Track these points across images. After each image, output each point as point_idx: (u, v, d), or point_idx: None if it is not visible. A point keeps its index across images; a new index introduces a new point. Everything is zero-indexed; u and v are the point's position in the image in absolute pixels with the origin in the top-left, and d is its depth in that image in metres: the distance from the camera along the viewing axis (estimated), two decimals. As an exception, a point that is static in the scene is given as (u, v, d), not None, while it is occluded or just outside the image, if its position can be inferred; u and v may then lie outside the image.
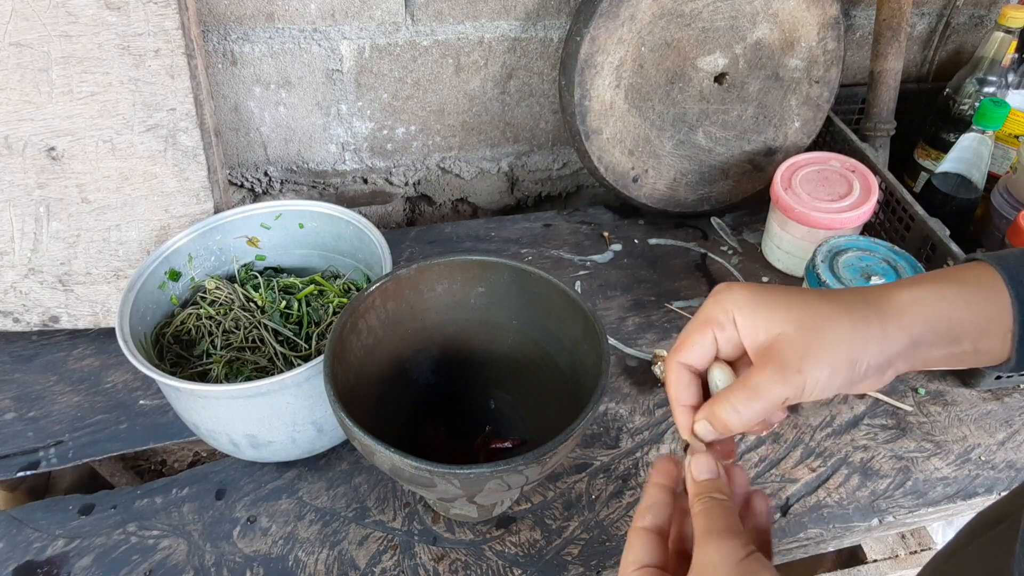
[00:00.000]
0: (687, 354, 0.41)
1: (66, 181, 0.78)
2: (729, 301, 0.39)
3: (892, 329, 0.37)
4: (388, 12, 0.90)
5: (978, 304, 0.38)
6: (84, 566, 0.64)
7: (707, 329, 0.40)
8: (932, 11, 1.09)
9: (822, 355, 0.37)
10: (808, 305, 0.38)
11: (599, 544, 0.67)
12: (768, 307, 0.38)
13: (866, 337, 0.37)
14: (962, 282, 0.39)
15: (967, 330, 0.38)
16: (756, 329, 0.39)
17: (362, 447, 0.53)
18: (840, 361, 0.37)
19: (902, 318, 0.38)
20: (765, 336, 0.38)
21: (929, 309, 0.38)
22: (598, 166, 0.95)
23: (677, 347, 0.41)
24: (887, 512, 0.70)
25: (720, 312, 0.40)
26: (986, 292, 0.38)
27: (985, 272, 0.39)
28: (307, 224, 0.82)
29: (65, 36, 0.73)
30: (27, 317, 0.82)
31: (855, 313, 0.38)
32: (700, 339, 0.40)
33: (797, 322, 0.37)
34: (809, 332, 0.37)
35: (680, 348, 0.41)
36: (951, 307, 0.38)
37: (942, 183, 0.90)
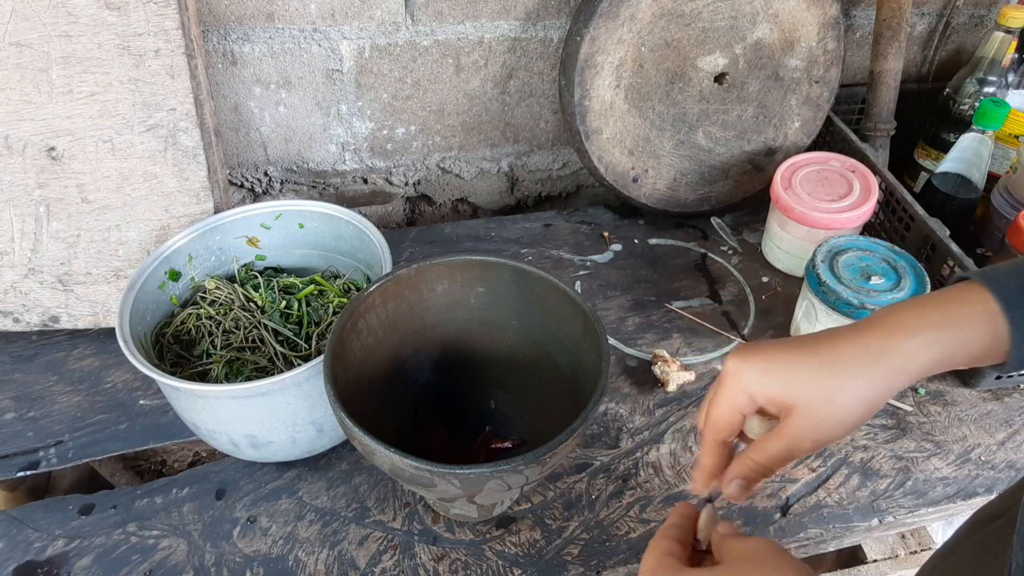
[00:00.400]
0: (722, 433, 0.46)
1: (66, 181, 0.78)
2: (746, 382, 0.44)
3: (898, 382, 0.41)
4: (388, 12, 0.90)
5: (978, 338, 0.40)
6: (84, 566, 0.64)
7: (734, 409, 0.45)
8: (932, 11, 1.09)
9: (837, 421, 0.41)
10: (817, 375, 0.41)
11: (599, 544, 0.67)
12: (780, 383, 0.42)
13: (873, 396, 0.41)
14: (962, 320, 0.41)
15: (966, 357, 0.41)
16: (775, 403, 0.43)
17: (362, 447, 0.53)
18: (852, 420, 0.41)
19: (907, 367, 0.41)
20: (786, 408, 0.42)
21: (930, 354, 0.41)
22: (598, 166, 0.95)
23: (711, 427, 0.46)
24: (887, 512, 0.70)
25: (740, 393, 0.44)
26: (985, 325, 0.40)
27: (982, 301, 0.40)
28: (307, 224, 0.82)
29: (65, 36, 0.73)
30: (27, 317, 0.82)
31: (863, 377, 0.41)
32: (730, 418, 0.45)
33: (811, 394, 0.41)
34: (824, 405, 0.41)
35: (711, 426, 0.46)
36: (952, 349, 0.40)
37: (942, 183, 0.90)
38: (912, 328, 0.41)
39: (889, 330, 0.41)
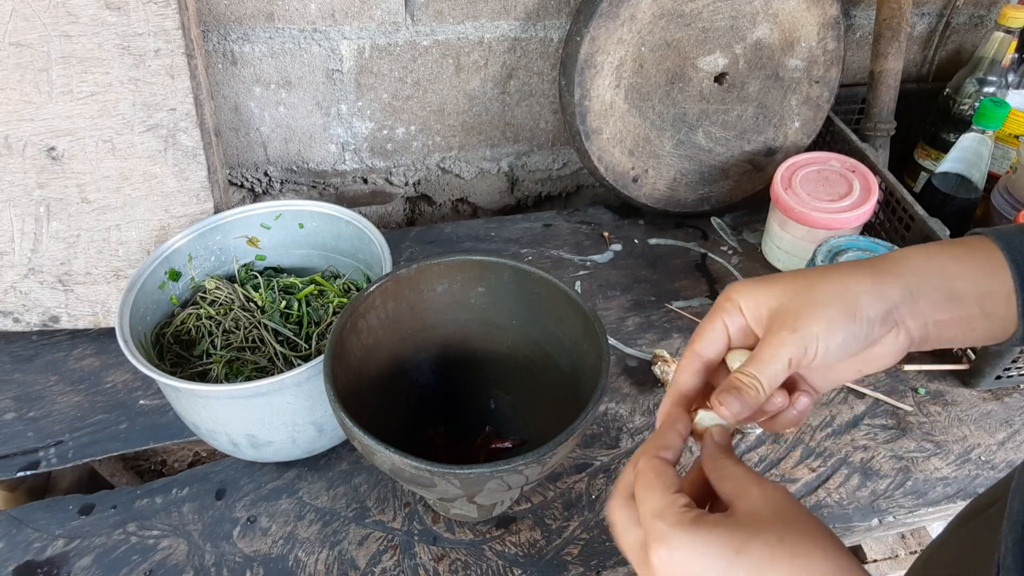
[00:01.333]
0: (700, 344, 0.42)
1: (66, 181, 0.78)
2: (733, 290, 0.41)
3: (885, 279, 0.38)
4: (388, 12, 0.90)
5: (970, 260, 0.39)
6: (84, 566, 0.64)
7: (717, 318, 0.42)
8: (932, 11, 1.09)
9: (815, 310, 0.38)
10: (802, 275, 0.40)
11: (599, 544, 0.67)
12: (766, 286, 0.40)
13: (856, 287, 0.38)
14: (954, 243, 0.40)
15: (964, 287, 0.38)
16: (759, 308, 0.40)
17: (362, 447, 0.53)
18: (834, 313, 0.38)
19: (894, 269, 0.39)
20: (766, 311, 0.40)
21: (919, 261, 0.39)
22: (598, 166, 0.95)
23: (693, 338, 0.42)
24: (887, 512, 0.70)
25: (726, 301, 0.41)
26: (979, 252, 0.39)
27: (981, 240, 0.39)
28: (307, 224, 0.82)
29: (65, 36, 0.73)
30: (27, 317, 0.82)
31: (844, 271, 0.39)
32: (712, 329, 0.42)
33: (790, 291, 0.39)
34: (801, 295, 0.39)
35: (694, 340, 0.42)
36: (940, 260, 0.39)
37: (942, 183, 0.90)
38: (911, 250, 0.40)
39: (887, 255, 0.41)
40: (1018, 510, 0.38)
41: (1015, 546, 0.36)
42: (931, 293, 0.38)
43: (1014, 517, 0.37)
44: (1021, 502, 0.38)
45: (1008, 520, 0.38)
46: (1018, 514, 0.37)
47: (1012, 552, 0.36)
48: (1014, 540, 0.37)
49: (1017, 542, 0.37)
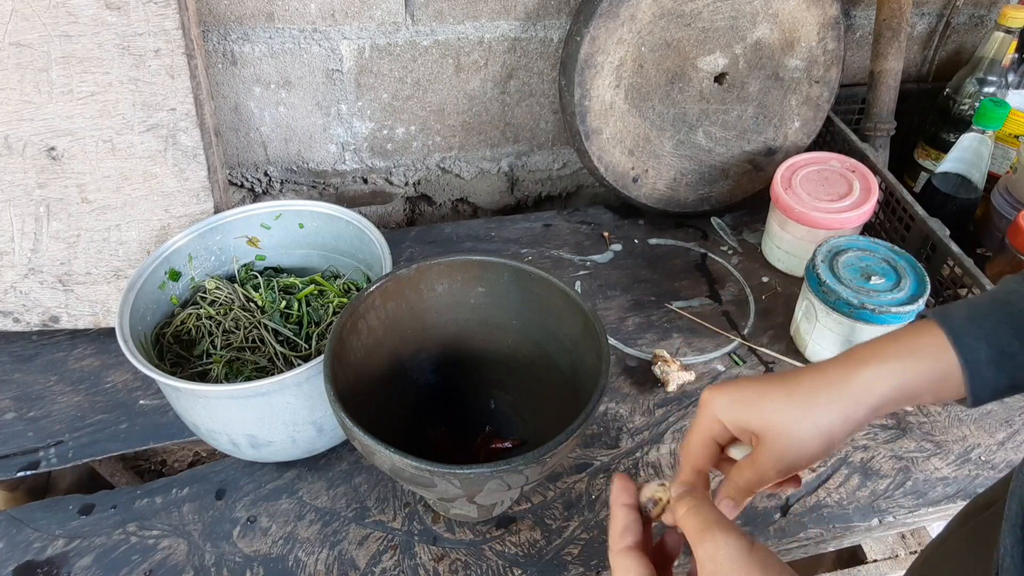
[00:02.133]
0: (697, 462, 0.47)
1: (66, 181, 0.78)
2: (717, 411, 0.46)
3: (854, 411, 0.43)
4: (388, 12, 0.90)
5: (931, 371, 0.42)
6: (84, 566, 0.64)
7: (707, 437, 0.47)
8: (932, 11, 1.09)
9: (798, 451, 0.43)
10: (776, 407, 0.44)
11: (599, 544, 0.67)
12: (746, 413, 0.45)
13: (831, 425, 0.43)
14: (914, 352, 0.43)
15: (923, 391, 0.43)
16: (744, 432, 0.45)
17: (362, 447, 0.53)
18: (813, 449, 0.43)
19: (862, 398, 0.43)
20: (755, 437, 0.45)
21: (885, 385, 0.42)
22: (598, 166, 0.95)
23: (686, 458, 0.48)
24: (887, 512, 0.70)
25: (712, 423, 0.46)
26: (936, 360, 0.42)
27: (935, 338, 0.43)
28: (307, 224, 0.82)
29: (65, 36, 0.74)
30: (27, 317, 0.82)
31: (816, 408, 0.43)
32: (704, 447, 0.47)
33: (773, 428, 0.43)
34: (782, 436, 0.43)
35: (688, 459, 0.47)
36: (905, 379, 0.42)
37: (942, 183, 0.90)
38: (867, 358, 0.43)
39: (847, 362, 0.44)
40: (1016, 512, 0.38)
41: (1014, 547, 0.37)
42: (893, 404, 0.43)
43: (1012, 519, 0.38)
44: (1019, 504, 0.38)
45: (1007, 522, 0.38)
46: (1016, 516, 0.38)
47: (1011, 553, 0.37)
48: (1013, 541, 0.37)
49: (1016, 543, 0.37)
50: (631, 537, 0.44)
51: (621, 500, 0.46)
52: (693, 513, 0.41)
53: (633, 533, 0.44)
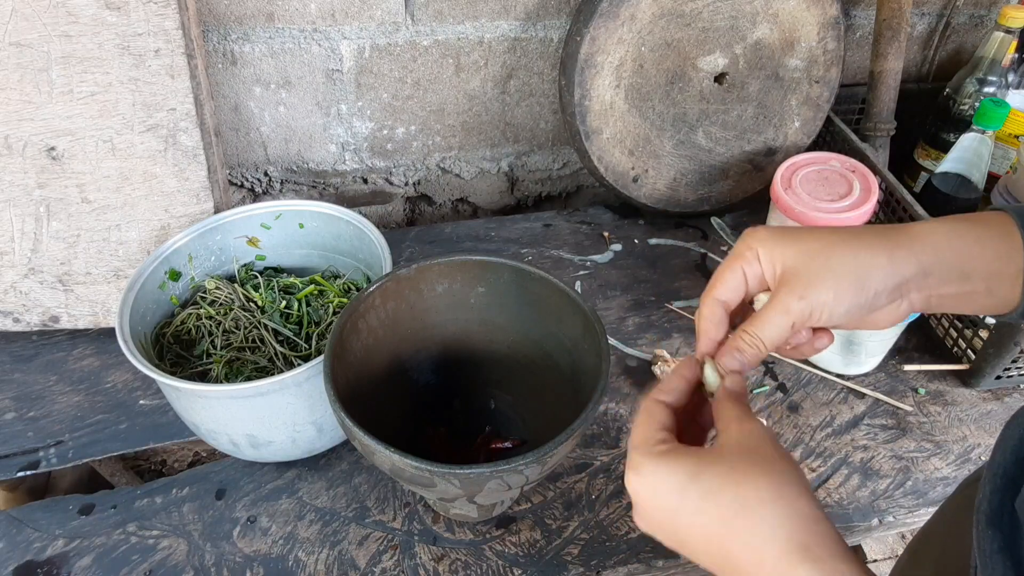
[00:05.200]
0: (720, 290, 0.43)
1: (66, 181, 0.78)
2: (754, 239, 0.42)
3: (900, 254, 0.39)
4: (388, 12, 0.90)
5: (990, 242, 0.39)
6: (84, 566, 0.64)
7: (736, 265, 0.43)
8: (932, 11, 1.09)
9: (825, 279, 0.39)
10: (819, 237, 0.41)
11: (599, 544, 0.67)
12: (785, 241, 0.41)
13: (871, 260, 0.39)
14: (976, 222, 0.40)
15: (977, 267, 0.39)
16: (774, 262, 0.41)
17: (362, 447, 0.53)
18: (844, 283, 0.39)
19: (913, 245, 0.39)
20: (780, 268, 0.41)
21: (940, 239, 0.39)
22: (598, 166, 0.95)
23: (711, 286, 0.44)
24: (887, 512, 0.70)
25: (746, 249, 0.43)
26: (999, 232, 0.39)
27: (1001, 218, 0.40)
28: (307, 224, 0.82)
29: (65, 36, 0.74)
30: (27, 317, 0.82)
31: (863, 240, 0.40)
32: (731, 276, 0.43)
33: (807, 252, 0.40)
34: (816, 260, 0.40)
35: (714, 285, 0.44)
36: (962, 241, 0.39)
37: (942, 183, 0.90)
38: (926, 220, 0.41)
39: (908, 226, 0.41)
40: (999, 461, 0.38)
41: (992, 495, 0.37)
42: (943, 271, 0.39)
43: (995, 468, 0.38)
44: (1003, 453, 0.38)
45: (989, 469, 0.38)
46: (998, 465, 0.38)
47: (988, 499, 0.37)
48: (991, 489, 0.37)
49: (995, 491, 0.37)
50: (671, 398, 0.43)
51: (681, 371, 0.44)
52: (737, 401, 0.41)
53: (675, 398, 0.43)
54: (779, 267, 0.41)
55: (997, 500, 0.37)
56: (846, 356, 0.80)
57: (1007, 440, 0.39)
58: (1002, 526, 0.36)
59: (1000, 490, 0.37)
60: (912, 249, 0.39)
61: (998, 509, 0.36)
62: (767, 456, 0.37)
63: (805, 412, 0.79)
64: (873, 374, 0.83)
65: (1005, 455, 0.38)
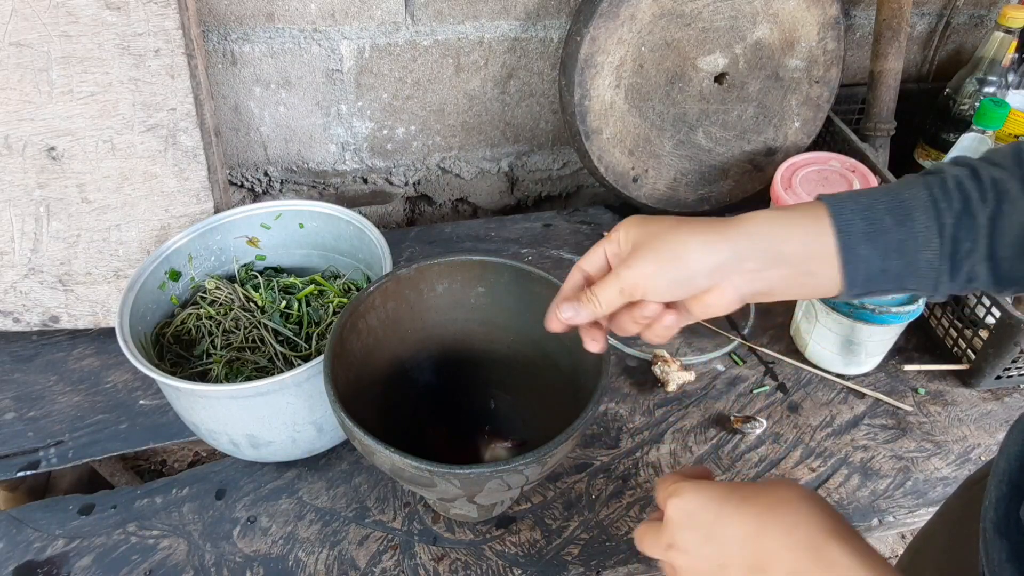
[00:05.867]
0: (584, 261, 0.50)
1: (66, 181, 0.78)
2: (623, 223, 0.48)
3: (714, 239, 0.44)
4: (388, 12, 0.90)
5: (800, 225, 0.43)
6: (84, 566, 0.64)
7: (601, 244, 0.49)
8: (932, 11, 1.09)
9: (648, 254, 0.44)
10: (663, 222, 0.46)
11: (599, 544, 0.67)
12: (640, 225, 0.46)
13: (688, 241, 0.44)
14: (792, 209, 0.44)
15: (790, 250, 0.43)
16: (628, 240, 0.47)
17: (362, 447, 0.53)
18: (663, 258, 0.44)
19: (728, 231, 0.44)
20: (630, 245, 0.46)
21: (754, 226, 0.44)
22: (598, 166, 0.95)
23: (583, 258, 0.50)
24: (887, 512, 0.70)
25: (614, 231, 0.48)
26: (810, 216, 0.43)
27: (815, 203, 0.44)
28: (307, 224, 0.82)
29: (65, 36, 0.74)
30: (27, 317, 0.82)
31: (691, 226, 0.45)
32: (595, 251, 0.49)
33: (648, 233, 0.45)
34: (650, 239, 0.45)
35: (582, 259, 0.50)
36: (775, 225, 0.43)
37: (942, 183, 0.90)
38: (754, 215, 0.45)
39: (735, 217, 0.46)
40: (1003, 468, 0.38)
41: (998, 502, 0.37)
42: (758, 255, 0.43)
43: (999, 475, 0.38)
44: (1007, 460, 0.38)
45: (994, 477, 0.38)
46: (1003, 472, 0.38)
47: (995, 507, 0.37)
48: (998, 496, 0.37)
49: (1000, 498, 0.37)
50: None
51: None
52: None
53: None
54: (629, 244, 0.46)
55: (1003, 508, 0.37)
56: (846, 356, 0.80)
57: (1011, 446, 0.39)
58: (1009, 534, 0.36)
59: (1006, 497, 0.37)
60: (727, 235, 0.43)
61: (1004, 517, 0.37)
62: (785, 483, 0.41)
63: (805, 412, 0.79)
64: (873, 374, 0.83)
65: (1010, 462, 0.39)
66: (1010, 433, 0.41)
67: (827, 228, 0.42)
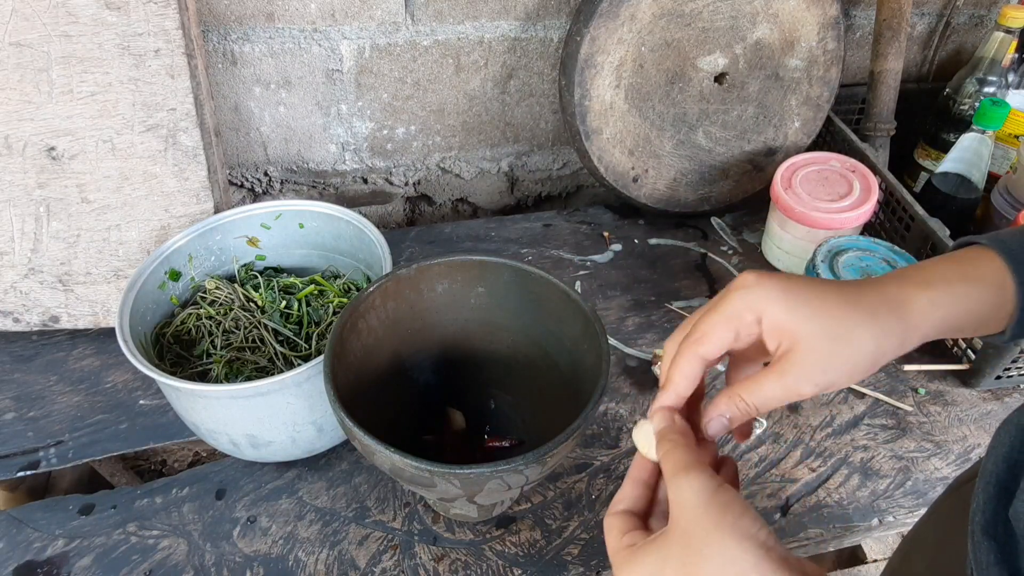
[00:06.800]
0: (707, 348, 0.40)
1: (66, 181, 0.78)
2: (759, 299, 0.39)
3: (911, 335, 0.38)
4: (388, 12, 0.90)
5: (987, 301, 0.39)
6: (84, 566, 0.64)
7: (732, 325, 0.39)
8: (932, 11, 1.09)
9: (846, 365, 0.37)
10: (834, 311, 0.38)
11: (599, 544, 0.67)
12: (795, 311, 0.38)
13: (887, 345, 0.38)
14: (972, 280, 0.39)
15: (972, 322, 0.39)
16: (782, 332, 0.38)
17: (362, 447, 0.53)
18: (860, 367, 0.38)
19: (921, 324, 0.38)
20: (790, 343, 0.38)
21: (944, 312, 0.38)
22: (598, 166, 0.95)
23: (698, 339, 0.40)
24: (887, 512, 0.70)
25: (747, 310, 0.39)
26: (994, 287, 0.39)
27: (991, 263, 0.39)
28: (307, 224, 0.82)
29: (65, 36, 0.74)
30: (27, 317, 0.82)
31: (879, 322, 0.38)
32: (724, 334, 0.40)
33: (824, 330, 0.37)
34: (837, 342, 0.37)
35: (701, 340, 0.40)
36: (963, 308, 0.39)
37: (942, 183, 0.90)
38: (928, 280, 0.39)
39: (906, 281, 0.39)
40: (991, 469, 0.38)
41: (986, 504, 0.37)
42: (946, 324, 0.39)
43: (987, 476, 0.38)
44: (995, 462, 0.38)
45: (981, 479, 0.38)
46: (991, 473, 0.38)
47: (983, 509, 0.37)
48: (985, 498, 0.37)
49: (989, 499, 0.37)
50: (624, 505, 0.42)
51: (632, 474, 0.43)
52: (668, 457, 0.39)
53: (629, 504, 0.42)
54: (787, 342, 0.38)
55: (991, 509, 0.37)
56: (846, 356, 0.80)
57: (998, 447, 0.39)
58: (997, 536, 0.36)
59: (993, 499, 0.37)
60: (920, 328, 0.38)
61: (992, 519, 0.37)
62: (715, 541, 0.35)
63: (805, 412, 0.79)
64: (873, 374, 0.83)
65: (997, 463, 0.38)
66: (997, 434, 0.41)
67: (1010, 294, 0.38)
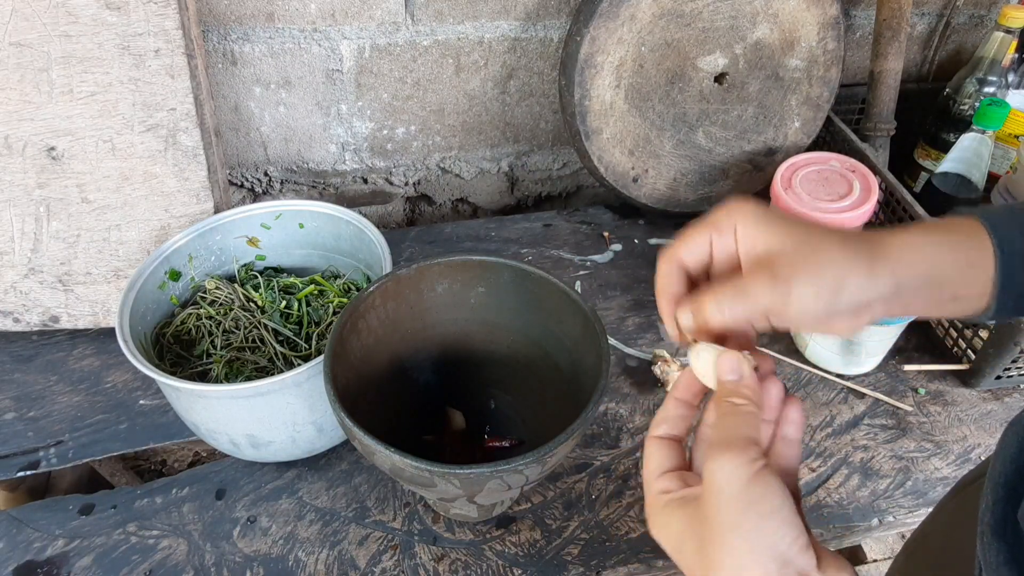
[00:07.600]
0: (683, 250, 0.42)
1: (66, 181, 0.78)
2: (736, 211, 0.40)
3: (879, 269, 0.38)
4: (388, 12, 0.90)
5: (962, 251, 0.38)
6: (84, 566, 0.64)
7: (707, 232, 0.41)
8: (932, 11, 1.09)
9: (812, 273, 0.37)
10: (808, 229, 0.39)
11: (599, 544, 0.67)
12: (770, 223, 0.39)
13: (854, 268, 0.37)
14: (950, 231, 0.39)
15: (949, 276, 0.39)
16: (755, 240, 0.39)
17: (362, 447, 0.53)
18: (826, 283, 0.37)
19: (890, 261, 0.38)
20: (762, 248, 0.39)
21: (917, 255, 0.38)
22: (598, 166, 0.95)
23: (675, 244, 0.42)
24: (887, 512, 0.70)
25: (724, 219, 0.40)
26: (971, 241, 0.39)
27: (972, 224, 0.39)
28: (307, 224, 0.82)
29: (65, 36, 0.74)
30: (27, 317, 0.82)
31: (849, 245, 0.38)
32: (698, 239, 0.41)
33: (795, 241, 0.38)
34: (804, 250, 0.38)
35: (677, 245, 0.42)
36: (937, 252, 0.38)
37: (942, 183, 0.90)
38: (901, 229, 0.40)
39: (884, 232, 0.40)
40: (999, 471, 0.38)
41: (995, 505, 0.37)
42: (917, 284, 0.38)
43: (995, 478, 0.38)
44: (1003, 463, 0.38)
45: (989, 480, 0.38)
46: (999, 474, 0.38)
47: (992, 510, 0.37)
48: (994, 499, 0.37)
49: (997, 501, 0.37)
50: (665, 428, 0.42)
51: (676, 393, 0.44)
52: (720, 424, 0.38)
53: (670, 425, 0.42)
54: (760, 247, 0.39)
55: (1000, 511, 0.37)
56: (846, 356, 0.80)
57: (1006, 449, 0.39)
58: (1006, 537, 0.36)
59: (1002, 500, 0.37)
60: (890, 265, 0.38)
61: (1001, 520, 0.36)
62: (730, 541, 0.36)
63: (805, 412, 0.79)
64: (873, 374, 0.83)
65: (1005, 465, 0.38)
66: (1004, 436, 0.41)
67: (987, 252, 0.38)
